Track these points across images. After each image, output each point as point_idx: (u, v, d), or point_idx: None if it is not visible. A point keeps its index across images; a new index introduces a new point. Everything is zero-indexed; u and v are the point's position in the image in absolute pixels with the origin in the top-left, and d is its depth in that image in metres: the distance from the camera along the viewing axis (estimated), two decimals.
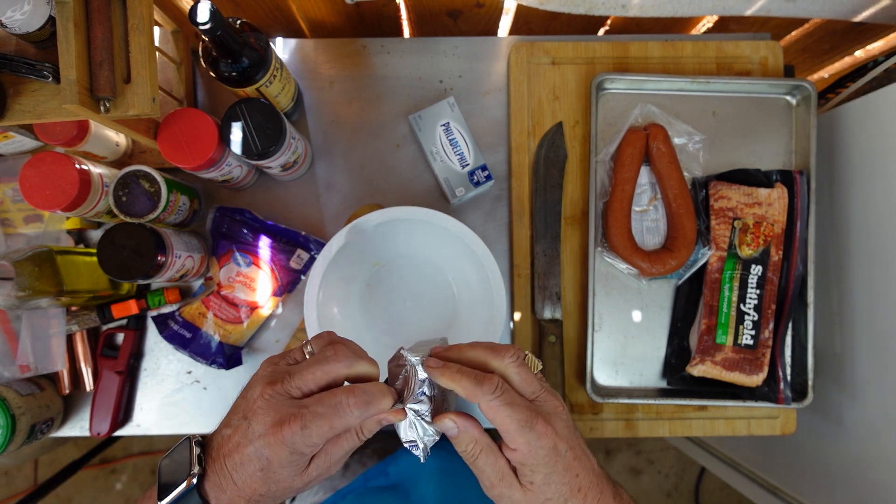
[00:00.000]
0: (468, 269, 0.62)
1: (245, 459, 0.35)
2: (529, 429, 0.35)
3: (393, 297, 0.65)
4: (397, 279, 0.65)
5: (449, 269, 0.65)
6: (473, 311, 0.62)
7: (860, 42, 0.80)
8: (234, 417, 0.37)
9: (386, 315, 0.66)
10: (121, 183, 0.59)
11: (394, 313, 0.66)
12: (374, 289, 0.65)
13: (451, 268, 0.65)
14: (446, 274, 0.65)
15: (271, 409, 0.35)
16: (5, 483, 1.52)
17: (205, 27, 0.46)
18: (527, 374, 0.38)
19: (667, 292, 0.69)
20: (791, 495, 0.86)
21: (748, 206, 0.65)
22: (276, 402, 0.35)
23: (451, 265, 0.64)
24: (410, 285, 0.65)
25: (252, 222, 0.68)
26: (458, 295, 0.65)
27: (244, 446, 0.35)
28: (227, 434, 0.36)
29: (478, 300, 0.61)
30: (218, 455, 0.36)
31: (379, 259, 0.65)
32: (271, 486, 0.36)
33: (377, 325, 0.65)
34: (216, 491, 0.36)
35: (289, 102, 0.66)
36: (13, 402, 0.60)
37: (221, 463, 0.35)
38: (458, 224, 0.58)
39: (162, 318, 0.66)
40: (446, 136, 0.67)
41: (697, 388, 0.67)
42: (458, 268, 0.64)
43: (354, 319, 0.64)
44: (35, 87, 0.49)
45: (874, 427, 0.66)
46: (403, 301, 0.66)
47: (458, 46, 0.72)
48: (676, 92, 0.69)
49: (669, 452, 1.60)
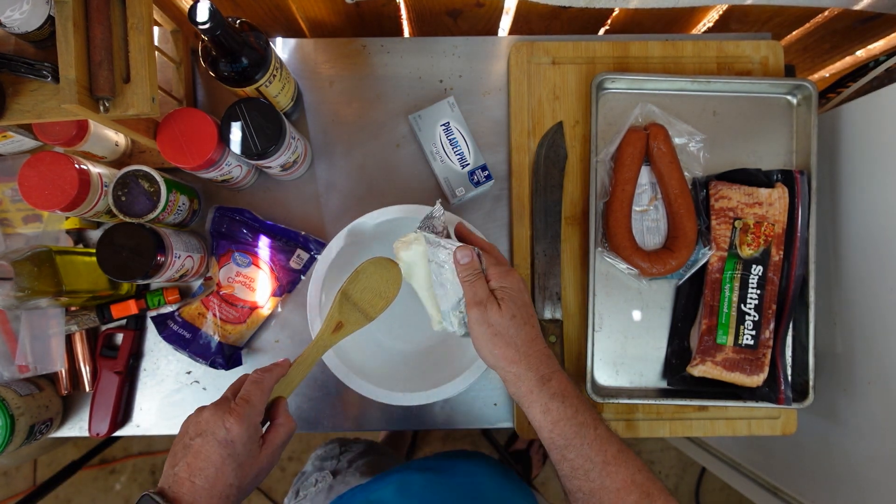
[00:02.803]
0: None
1: (210, 456, 0.43)
2: (504, 266, 0.50)
3: None
4: None
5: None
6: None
7: (861, 41, 0.80)
8: (178, 453, 0.44)
9: (386, 314, 0.66)
10: (120, 183, 0.59)
11: (395, 312, 0.65)
12: None
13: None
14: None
15: (218, 410, 0.44)
16: (4, 483, 1.52)
17: (204, 27, 0.46)
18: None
19: (667, 292, 0.68)
20: (791, 495, 0.86)
21: (749, 206, 0.65)
22: (220, 406, 0.45)
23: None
24: (410, 287, 0.65)
25: (252, 222, 0.68)
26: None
27: (206, 448, 0.43)
28: (182, 464, 0.43)
29: None
30: (178, 482, 0.42)
31: (382, 252, 0.65)
32: (237, 471, 0.43)
33: (378, 324, 0.65)
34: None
35: (288, 102, 0.66)
36: (12, 402, 0.60)
37: (188, 484, 0.42)
38: (455, 219, 0.58)
39: (161, 318, 0.66)
40: (446, 136, 0.67)
41: (698, 388, 0.67)
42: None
43: None
44: (34, 87, 0.49)
45: (875, 427, 0.66)
46: (404, 300, 0.65)
47: (458, 46, 0.72)
48: (677, 92, 0.69)
49: (670, 452, 1.60)
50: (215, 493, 0.42)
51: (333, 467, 0.73)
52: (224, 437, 0.43)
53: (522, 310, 0.48)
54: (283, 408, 0.49)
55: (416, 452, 1.53)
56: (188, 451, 0.43)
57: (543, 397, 0.46)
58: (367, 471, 0.71)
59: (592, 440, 0.45)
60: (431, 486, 0.59)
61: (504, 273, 0.49)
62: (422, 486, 0.59)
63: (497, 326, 0.47)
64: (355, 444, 0.82)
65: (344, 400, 0.69)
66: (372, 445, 0.84)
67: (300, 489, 0.70)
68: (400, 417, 0.69)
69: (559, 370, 0.48)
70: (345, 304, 0.53)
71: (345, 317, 0.53)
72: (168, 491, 0.42)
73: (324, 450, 0.81)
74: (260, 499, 1.52)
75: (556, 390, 0.46)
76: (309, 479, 0.71)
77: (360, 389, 0.59)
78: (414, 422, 0.69)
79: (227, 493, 0.43)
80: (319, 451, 0.81)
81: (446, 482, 0.61)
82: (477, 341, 0.49)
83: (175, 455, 0.44)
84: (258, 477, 0.46)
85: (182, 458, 0.43)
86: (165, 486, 0.43)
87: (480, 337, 0.48)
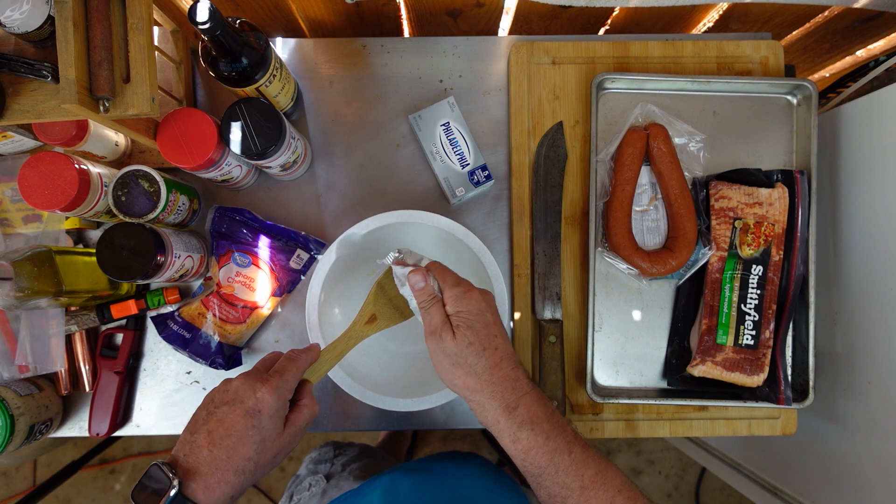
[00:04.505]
0: (466, 269, 0.61)
1: (235, 425, 0.41)
2: (461, 287, 0.47)
3: None
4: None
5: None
6: None
7: (861, 41, 0.80)
8: (199, 420, 0.43)
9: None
10: (120, 183, 0.59)
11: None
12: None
13: (451, 267, 0.64)
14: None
15: (249, 379, 0.43)
16: (4, 483, 1.52)
17: (204, 27, 0.46)
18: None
19: (667, 292, 0.68)
20: (791, 495, 0.86)
21: (749, 206, 0.65)
22: (251, 376, 0.44)
23: (450, 265, 0.64)
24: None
25: (251, 222, 0.67)
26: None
27: (231, 416, 0.41)
28: (202, 431, 0.41)
29: None
30: (195, 450, 0.40)
31: (374, 268, 0.65)
32: (259, 446, 0.42)
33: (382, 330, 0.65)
34: (201, 484, 0.39)
35: (288, 102, 0.66)
36: (12, 402, 0.60)
37: (206, 452, 0.40)
38: (441, 219, 0.58)
39: (161, 318, 0.66)
40: (446, 136, 0.67)
41: (698, 388, 0.67)
42: (456, 267, 0.64)
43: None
44: (34, 87, 0.49)
45: (875, 427, 0.65)
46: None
47: (458, 46, 0.72)
48: (677, 92, 0.69)
49: (670, 453, 1.60)
50: (232, 465, 0.40)
51: (327, 471, 0.73)
52: (252, 407, 0.42)
53: (482, 334, 0.45)
54: (308, 390, 0.48)
55: (415, 453, 1.53)
56: (211, 418, 0.42)
57: (511, 427, 0.44)
58: (361, 475, 0.71)
59: (567, 466, 0.43)
60: (419, 490, 0.58)
61: (460, 295, 0.46)
62: (409, 489, 0.58)
63: (454, 356, 0.45)
64: (349, 447, 0.82)
65: (344, 400, 0.69)
66: (366, 449, 0.83)
67: (294, 493, 0.70)
68: (400, 418, 0.69)
69: (527, 393, 0.45)
70: (380, 296, 0.52)
71: (379, 310, 0.52)
72: (182, 460, 0.40)
73: (318, 453, 0.80)
74: (260, 498, 1.52)
75: (524, 418, 0.44)
76: (303, 482, 0.71)
77: (366, 398, 0.58)
78: (413, 422, 0.69)
79: (243, 467, 0.41)
80: (314, 454, 0.81)
81: (435, 485, 0.60)
82: (437, 370, 0.47)
83: (196, 422, 0.43)
84: (276, 458, 0.44)
85: (203, 425, 0.42)
86: (180, 455, 0.41)
87: (439, 366, 0.46)
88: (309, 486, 0.70)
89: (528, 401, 0.45)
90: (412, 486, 0.59)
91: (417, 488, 0.59)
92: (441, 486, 0.61)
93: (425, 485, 0.60)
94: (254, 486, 1.50)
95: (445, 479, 0.62)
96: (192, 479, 0.39)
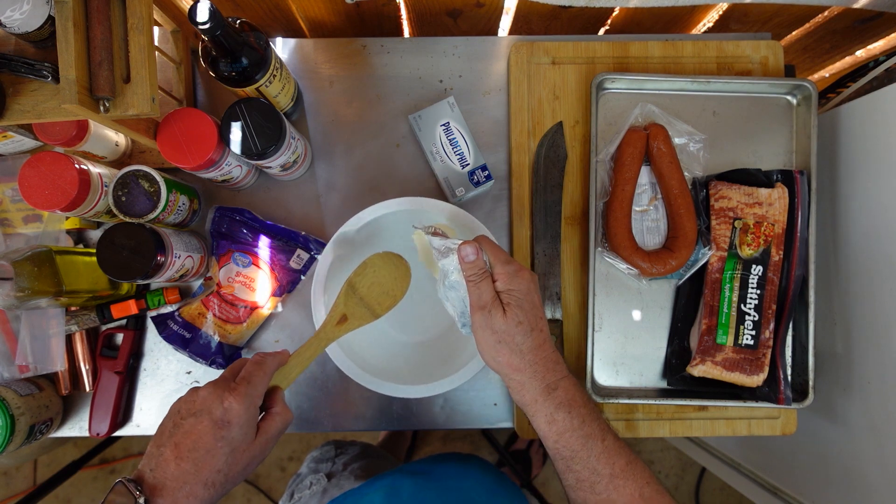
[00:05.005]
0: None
1: (202, 436, 0.40)
2: (513, 265, 0.47)
3: None
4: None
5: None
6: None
7: (861, 41, 0.80)
8: (165, 432, 0.42)
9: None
10: (120, 183, 0.59)
11: (400, 306, 0.65)
12: None
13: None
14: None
15: (217, 389, 0.42)
16: (4, 483, 1.52)
17: (204, 27, 0.46)
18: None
19: (667, 292, 0.68)
20: (791, 495, 0.86)
21: (749, 206, 0.65)
22: (218, 385, 0.43)
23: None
24: (414, 277, 0.65)
25: (252, 222, 0.68)
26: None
27: (198, 427, 0.40)
28: (169, 444, 0.40)
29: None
30: (162, 464, 0.40)
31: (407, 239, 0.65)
32: (229, 457, 0.41)
33: (383, 318, 0.65)
34: (168, 499, 0.38)
35: (288, 102, 0.66)
36: (12, 402, 0.60)
37: (173, 466, 0.39)
38: (428, 202, 0.58)
39: (161, 318, 0.66)
40: (446, 136, 0.67)
41: (698, 388, 0.67)
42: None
43: None
44: (34, 87, 0.49)
45: (874, 427, 0.66)
46: (410, 290, 0.65)
47: (458, 46, 0.72)
48: (677, 92, 0.69)
49: (670, 452, 1.60)
50: (200, 478, 0.39)
51: (328, 469, 0.73)
52: (220, 417, 0.40)
53: (530, 314, 0.45)
54: (280, 397, 0.47)
55: (415, 452, 1.53)
56: (177, 430, 0.41)
57: (548, 407, 0.44)
58: (362, 474, 0.71)
59: (600, 452, 0.43)
60: (420, 492, 0.58)
61: (513, 274, 0.46)
62: (411, 492, 0.58)
63: (501, 333, 0.45)
64: (351, 446, 0.82)
65: (344, 399, 0.69)
66: (367, 448, 0.83)
67: (295, 491, 0.70)
68: (400, 417, 0.69)
69: (567, 376, 0.46)
70: (351, 296, 0.51)
71: (350, 310, 0.51)
72: (149, 475, 0.39)
73: (319, 451, 0.80)
74: (260, 498, 1.52)
75: (562, 400, 0.44)
76: (304, 481, 0.71)
77: (364, 381, 0.58)
78: (414, 422, 0.69)
79: (213, 479, 0.40)
80: (315, 452, 0.81)
81: (435, 487, 0.60)
82: (480, 346, 0.47)
83: (162, 434, 0.41)
84: (247, 467, 0.43)
85: (170, 437, 0.40)
86: (146, 470, 0.40)
87: (483, 342, 0.46)
88: (310, 484, 0.70)
89: (567, 384, 0.45)
90: (414, 489, 0.59)
91: (419, 491, 0.59)
92: (442, 488, 0.61)
93: (427, 486, 0.60)
94: (254, 486, 1.50)
95: (447, 482, 0.62)
96: (158, 496, 0.38)
